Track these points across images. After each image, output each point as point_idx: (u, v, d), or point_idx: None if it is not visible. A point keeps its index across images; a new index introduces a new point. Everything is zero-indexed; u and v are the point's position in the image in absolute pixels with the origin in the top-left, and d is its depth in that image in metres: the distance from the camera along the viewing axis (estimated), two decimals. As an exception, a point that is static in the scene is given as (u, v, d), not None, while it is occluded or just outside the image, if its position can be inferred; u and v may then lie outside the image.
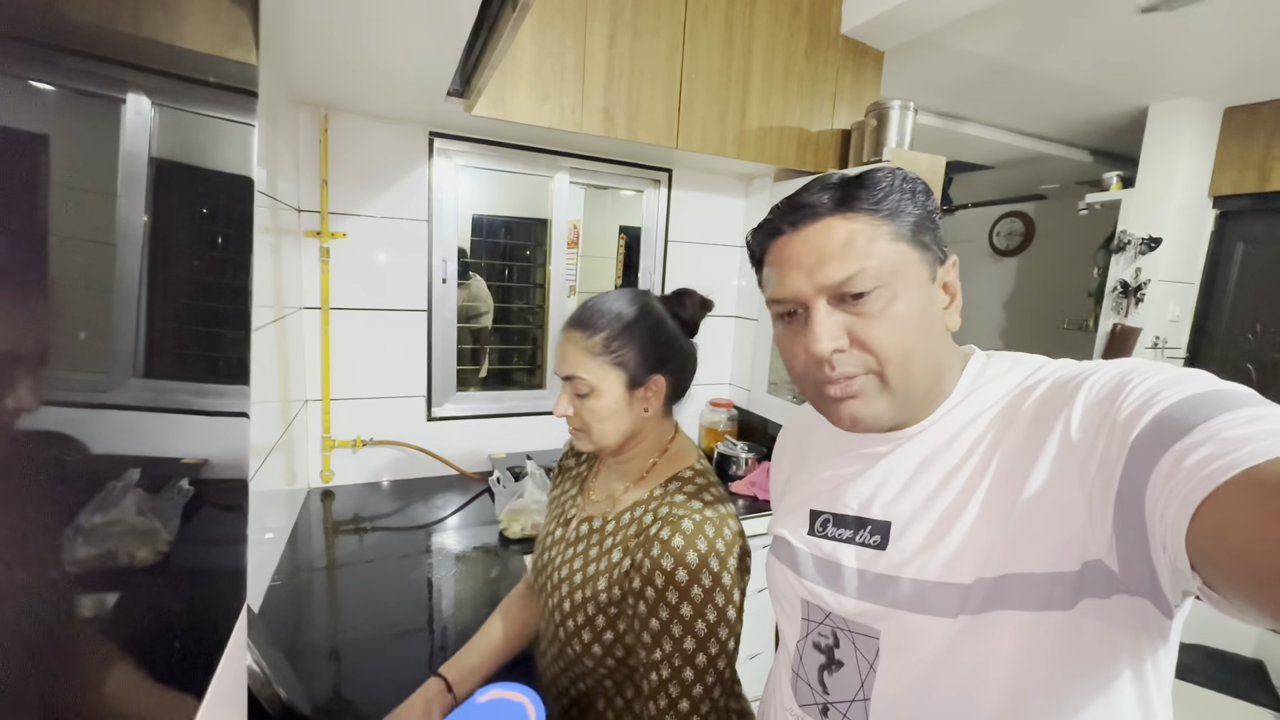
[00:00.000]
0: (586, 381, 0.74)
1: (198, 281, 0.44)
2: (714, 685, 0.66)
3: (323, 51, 1.09)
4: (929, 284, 0.53)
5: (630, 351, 0.75)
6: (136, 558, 0.33)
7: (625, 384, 0.75)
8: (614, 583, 0.71)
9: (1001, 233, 3.68)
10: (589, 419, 0.76)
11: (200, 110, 0.41)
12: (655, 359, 0.76)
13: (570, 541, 0.81)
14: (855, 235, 0.51)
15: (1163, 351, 2.45)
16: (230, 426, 0.47)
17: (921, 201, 0.53)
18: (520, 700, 0.35)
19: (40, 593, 0.23)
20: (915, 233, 0.52)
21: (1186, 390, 0.39)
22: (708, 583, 0.65)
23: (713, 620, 0.65)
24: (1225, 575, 0.33)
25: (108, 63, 0.29)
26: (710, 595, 0.65)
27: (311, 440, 1.64)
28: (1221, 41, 1.85)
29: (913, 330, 0.51)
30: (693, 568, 0.65)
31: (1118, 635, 0.45)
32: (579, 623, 0.73)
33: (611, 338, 0.74)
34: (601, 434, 0.76)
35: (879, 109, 1.66)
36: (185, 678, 0.39)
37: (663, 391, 0.78)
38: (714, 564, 0.67)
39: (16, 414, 0.22)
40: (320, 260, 1.57)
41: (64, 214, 0.25)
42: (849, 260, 0.51)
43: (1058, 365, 0.53)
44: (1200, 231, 2.50)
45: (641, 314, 0.77)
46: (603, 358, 0.74)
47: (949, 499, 0.51)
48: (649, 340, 0.76)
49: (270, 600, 1.11)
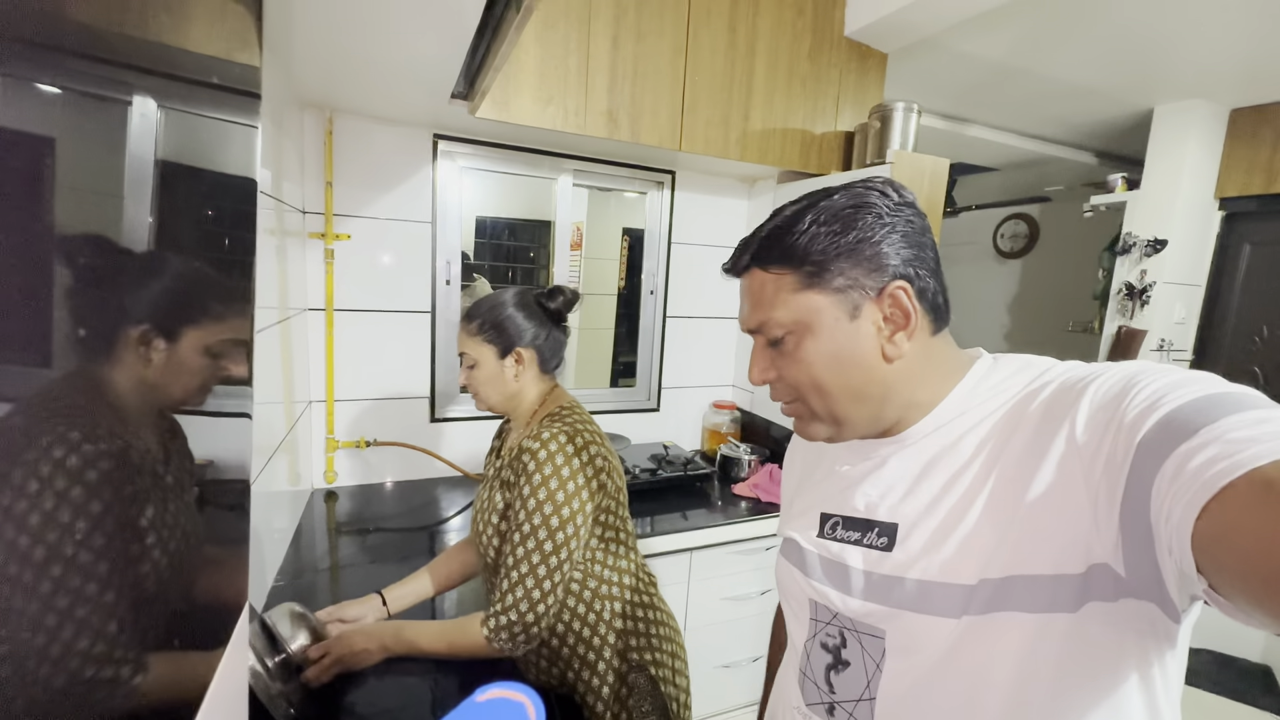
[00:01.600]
0: (469, 356, 1.00)
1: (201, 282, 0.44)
2: (554, 551, 0.89)
3: (327, 54, 1.10)
4: (845, 322, 0.54)
5: (494, 334, 0.99)
6: (139, 556, 0.33)
7: (497, 356, 0.99)
8: (501, 486, 0.98)
9: (1006, 235, 3.66)
10: (475, 385, 1.01)
11: (204, 112, 0.41)
12: (515, 335, 1.00)
13: (486, 485, 1.05)
14: (765, 287, 0.57)
15: (1168, 354, 2.43)
16: (232, 427, 0.47)
17: (839, 243, 0.54)
18: (520, 700, 0.35)
19: (42, 590, 0.23)
20: (825, 276, 0.54)
21: (1193, 393, 0.39)
22: (547, 470, 0.89)
23: (542, 498, 0.89)
24: (1231, 578, 0.33)
25: (114, 65, 0.29)
26: (546, 479, 0.89)
27: (315, 441, 1.65)
28: (1228, 43, 1.84)
29: (821, 368, 0.55)
30: (539, 457, 0.90)
31: (1124, 639, 0.44)
32: (489, 536, 0.97)
33: (484, 324, 0.99)
34: (486, 395, 1.02)
35: (882, 111, 1.66)
36: (186, 676, 0.39)
37: (531, 360, 1.01)
38: (553, 448, 0.90)
39: (23, 413, 0.22)
40: (325, 262, 1.57)
41: (70, 215, 0.25)
42: (759, 310, 0.58)
43: (1066, 367, 0.52)
44: (1206, 233, 2.49)
45: (506, 304, 1.01)
46: (477, 338, 1.00)
47: (954, 500, 0.51)
48: (509, 324, 1.00)
49: (274, 600, 1.12)
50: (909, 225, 0.55)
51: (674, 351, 2.12)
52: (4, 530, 0.21)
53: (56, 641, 0.25)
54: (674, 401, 2.16)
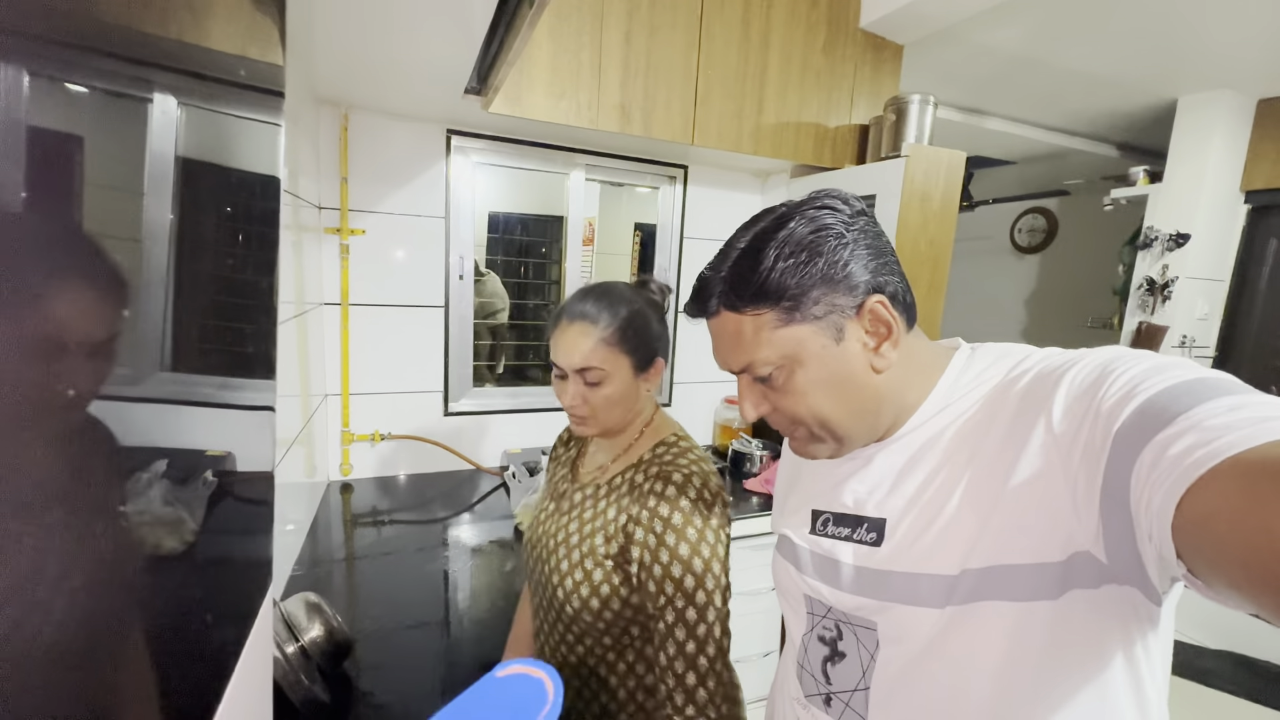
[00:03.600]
0: (601, 370, 0.77)
1: (224, 278, 0.45)
2: (714, 623, 0.70)
3: (344, 51, 1.11)
4: (832, 347, 0.54)
5: (636, 339, 0.79)
6: (164, 547, 0.34)
7: (633, 368, 0.80)
8: (611, 536, 0.76)
9: (1023, 229, 3.60)
10: (599, 405, 0.79)
11: (228, 110, 0.42)
12: (654, 342, 0.82)
13: (564, 511, 0.85)
14: (742, 329, 0.56)
15: (1190, 350, 2.39)
16: (257, 420, 0.48)
17: (809, 273, 0.53)
18: (539, 676, 0.36)
19: (70, 580, 0.24)
20: (803, 307, 0.53)
21: (1169, 379, 0.39)
22: (699, 524, 0.72)
23: (706, 556, 0.70)
24: (1210, 563, 0.34)
25: (135, 63, 0.30)
26: (703, 535, 0.71)
27: (331, 434, 1.67)
28: (1255, 31, 1.79)
29: (816, 396, 0.55)
30: (686, 512, 0.72)
31: (1107, 623, 0.45)
32: (577, 580, 0.77)
33: (623, 326, 0.78)
34: (610, 418, 0.81)
35: (898, 104, 1.64)
36: (211, 665, 0.40)
37: (661, 371, 0.83)
38: (704, 509, 0.73)
39: (48, 405, 0.23)
40: (340, 257, 1.59)
41: (93, 212, 0.26)
42: (741, 353, 0.56)
43: (1043, 355, 0.53)
44: (1231, 227, 2.43)
45: (634, 304, 0.81)
46: (616, 346, 0.78)
47: (934, 492, 0.52)
48: (647, 327, 0.81)
49: (291, 590, 1.14)
50: (866, 234, 0.55)
51: (686, 347, 2.12)
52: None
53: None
54: (686, 397, 2.16)
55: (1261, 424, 0.33)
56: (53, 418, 0.23)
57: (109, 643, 0.27)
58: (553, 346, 0.81)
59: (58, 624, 0.23)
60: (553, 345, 0.81)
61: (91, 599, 0.25)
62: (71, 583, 0.24)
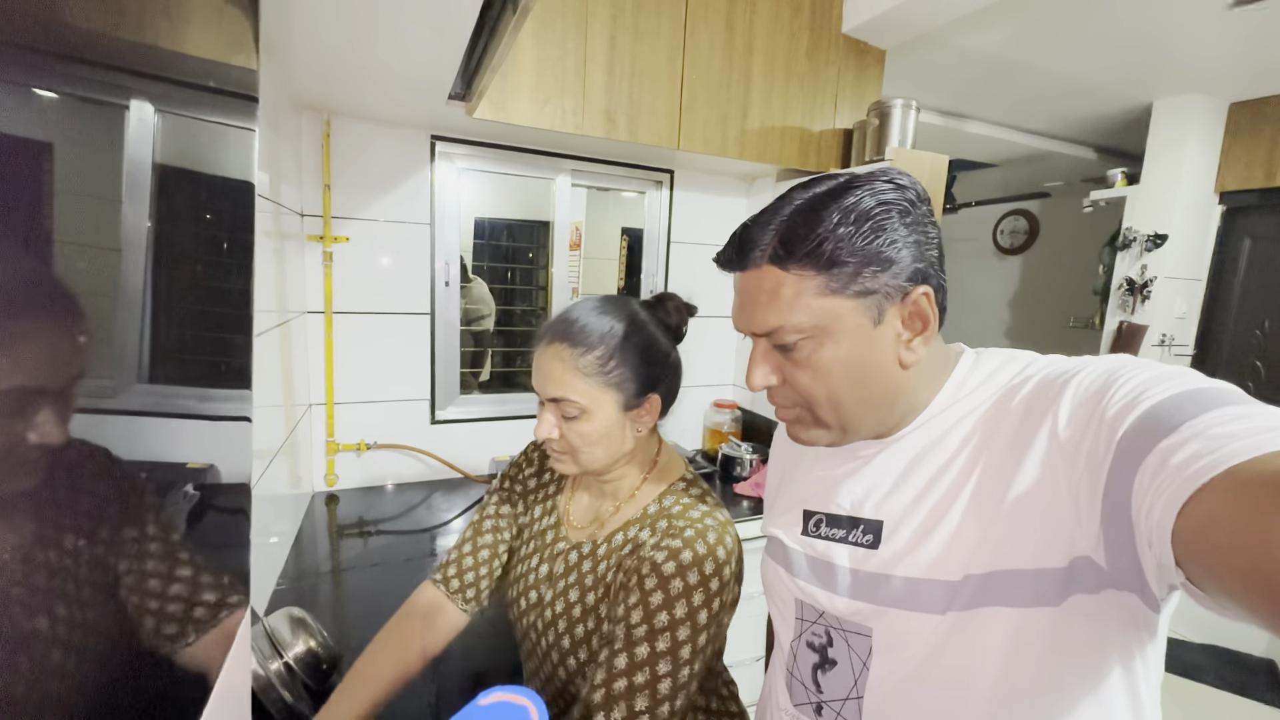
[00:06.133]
0: (577, 404, 0.67)
1: (201, 287, 0.44)
2: (665, 676, 0.60)
3: (324, 56, 1.10)
4: (868, 328, 0.51)
5: (626, 371, 0.68)
6: (140, 561, 0.33)
7: (620, 405, 0.69)
8: (614, 603, 0.67)
9: (1005, 231, 3.66)
10: (578, 443, 0.69)
11: (202, 116, 0.41)
12: (649, 377, 0.70)
13: (560, 575, 0.75)
14: (782, 288, 0.51)
15: (1169, 349, 2.43)
16: (233, 431, 0.47)
17: (868, 243, 0.50)
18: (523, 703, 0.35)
19: (45, 595, 0.23)
20: (852, 281, 0.50)
21: (1173, 388, 0.40)
22: (693, 579, 0.62)
23: (679, 615, 0.61)
24: (1209, 572, 0.33)
25: (111, 70, 0.29)
26: (687, 593, 0.61)
27: (315, 444, 1.64)
28: (1226, 37, 1.84)
29: (838, 377, 0.52)
30: (684, 564, 0.62)
31: (1107, 630, 0.45)
32: (581, 659, 0.69)
33: (607, 356, 0.67)
34: (590, 459, 0.70)
35: (881, 108, 1.65)
36: (189, 680, 0.39)
37: (657, 410, 0.73)
38: (707, 567, 0.63)
39: (29, 422, 0.22)
40: (323, 264, 1.57)
41: (69, 220, 0.25)
42: (773, 313, 0.52)
43: (1046, 362, 0.53)
44: (1206, 228, 2.49)
45: (633, 328, 0.70)
46: (596, 379, 0.67)
47: (938, 496, 0.51)
48: (643, 357, 0.70)
49: (275, 604, 1.11)
50: (924, 223, 0.53)
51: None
52: None
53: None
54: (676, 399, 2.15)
55: (1264, 434, 0.33)
56: (19, 434, 0.22)
57: (76, 663, 0.26)
58: (533, 367, 0.72)
59: (14, 645, 0.22)
60: (533, 365, 0.72)
61: (62, 616, 0.24)
62: (48, 604, 0.23)
